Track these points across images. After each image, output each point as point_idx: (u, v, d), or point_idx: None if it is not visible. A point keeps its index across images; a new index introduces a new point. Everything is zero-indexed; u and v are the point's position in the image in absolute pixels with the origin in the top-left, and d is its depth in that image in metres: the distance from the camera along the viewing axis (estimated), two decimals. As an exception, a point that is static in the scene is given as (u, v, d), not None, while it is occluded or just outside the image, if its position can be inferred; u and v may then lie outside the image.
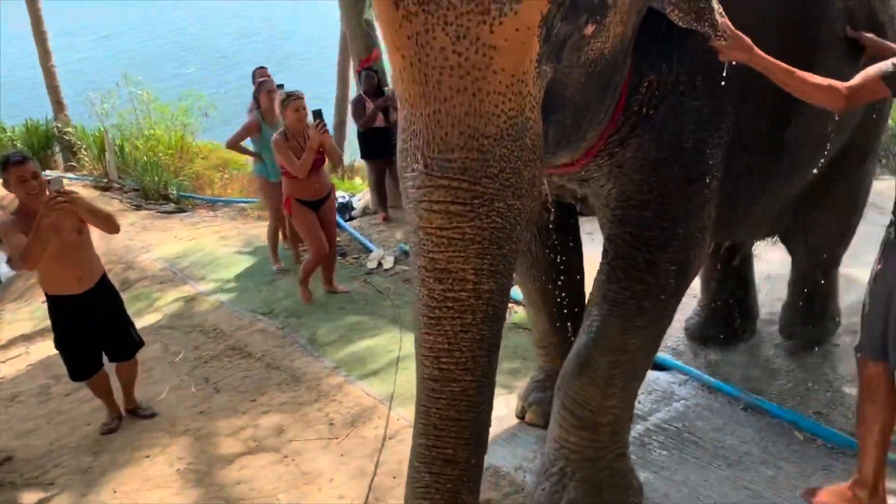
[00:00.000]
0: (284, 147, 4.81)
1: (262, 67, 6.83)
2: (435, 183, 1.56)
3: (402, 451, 3.04)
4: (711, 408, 3.19)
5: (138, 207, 8.69)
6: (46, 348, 5.14)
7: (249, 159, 10.67)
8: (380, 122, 6.50)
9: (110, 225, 3.54)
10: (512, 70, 1.53)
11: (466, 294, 1.60)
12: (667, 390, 3.32)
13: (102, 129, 10.21)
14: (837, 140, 2.72)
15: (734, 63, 2.03)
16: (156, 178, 9.16)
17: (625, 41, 1.86)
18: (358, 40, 7.02)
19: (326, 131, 4.94)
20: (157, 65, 22.64)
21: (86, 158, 10.30)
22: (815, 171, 2.77)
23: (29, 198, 3.29)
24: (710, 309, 3.74)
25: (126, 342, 3.74)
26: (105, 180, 9.69)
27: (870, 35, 2.52)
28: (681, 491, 2.61)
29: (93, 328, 3.59)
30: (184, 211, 8.67)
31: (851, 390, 3.34)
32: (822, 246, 3.36)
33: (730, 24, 1.94)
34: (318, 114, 4.89)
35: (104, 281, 3.66)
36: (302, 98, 4.91)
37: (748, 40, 1.97)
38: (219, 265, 6.32)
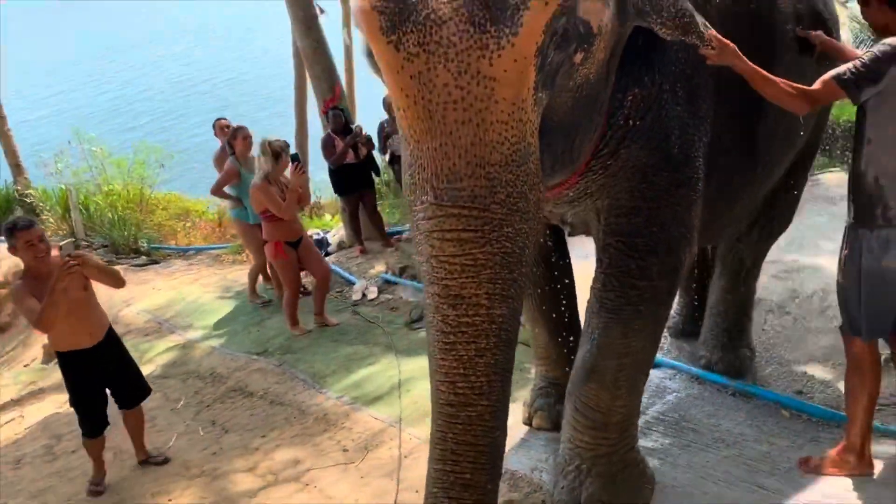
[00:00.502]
0: (269, 190, 4.98)
1: (222, 118, 7.00)
2: (446, 212, 1.64)
3: (419, 467, 3.18)
4: (703, 396, 3.43)
5: (110, 263, 8.63)
6: (41, 410, 5.17)
7: (212, 206, 10.95)
8: (350, 158, 6.70)
9: (117, 280, 3.66)
10: (512, 99, 1.62)
11: (480, 319, 1.66)
12: (659, 385, 3.54)
13: (65, 188, 10.20)
14: (805, 135, 2.94)
15: (709, 69, 2.22)
16: (125, 233, 9.19)
17: (605, 64, 1.96)
18: (321, 82, 7.21)
19: (305, 173, 5.14)
20: (108, 119, 22.55)
21: (50, 219, 10.25)
22: (786, 166, 3.01)
23: (36, 261, 3.37)
24: (690, 307, 3.98)
25: (139, 386, 3.85)
26: (72, 240, 9.64)
27: (818, 33, 2.76)
28: (687, 474, 2.81)
29: (105, 379, 3.67)
30: (157, 263, 8.70)
31: (826, 368, 3.62)
32: (766, 243, 3.54)
33: (715, 33, 2.12)
34: (295, 157, 5.13)
35: (111, 331, 3.76)
36: (286, 144, 5.11)
37: (733, 46, 2.16)
38: (203, 312, 6.39)
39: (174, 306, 6.66)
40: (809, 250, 4.88)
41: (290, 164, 5.09)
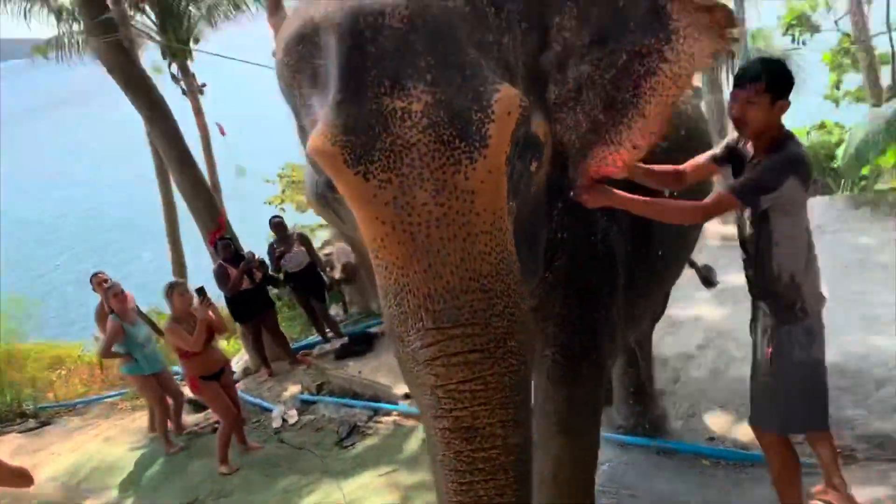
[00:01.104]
0: (178, 330, 5.08)
1: (99, 273, 6.86)
2: (447, 335, 1.55)
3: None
4: (631, 461, 3.75)
5: (-6, 435, 8.09)
6: None
7: (87, 348, 10.42)
8: (246, 284, 6.76)
9: (27, 480, 3.42)
10: (492, 209, 1.61)
11: (497, 451, 1.55)
12: (591, 458, 3.83)
13: (-76, 362, 9.47)
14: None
15: None
16: (7, 398, 8.61)
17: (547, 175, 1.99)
18: (202, 215, 7.28)
19: (211, 304, 5.21)
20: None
21: (-89, 400, 9.42)
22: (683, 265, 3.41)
23: None
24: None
25: None
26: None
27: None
28: (639, 539, 3.10)
29: None
30: (48, 424, 8.19)
31: (728, 412, 4.05)
32: (655, 324, 3.98)
33: (588, 181, 2.24)
34: (201, 291, 5.19)
35: None
36: (184, 283, 5.18)
37: (603, 186, 2.28)
38: (116, 469, 6.10)
39: (83, 469, 6.30)
40: (686, 302, 5.42)
41: (196, 297, 5.17)
